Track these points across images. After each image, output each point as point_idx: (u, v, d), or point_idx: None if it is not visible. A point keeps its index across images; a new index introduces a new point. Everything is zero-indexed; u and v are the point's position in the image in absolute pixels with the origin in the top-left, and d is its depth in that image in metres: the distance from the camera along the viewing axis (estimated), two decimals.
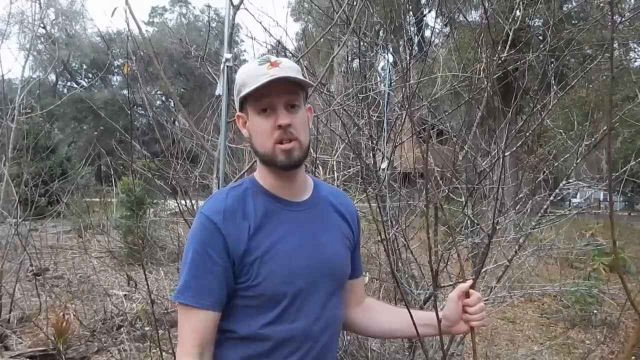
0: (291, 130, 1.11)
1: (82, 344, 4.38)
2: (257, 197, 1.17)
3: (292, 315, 1.13)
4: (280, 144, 1.12)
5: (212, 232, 1.10)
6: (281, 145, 1.11)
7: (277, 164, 1.13)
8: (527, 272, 3.64)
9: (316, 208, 1.24)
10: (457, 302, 1.25)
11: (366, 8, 2.98)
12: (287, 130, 1.11)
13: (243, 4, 2.24)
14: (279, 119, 1.10)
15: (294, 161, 1.13)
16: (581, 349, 4.79)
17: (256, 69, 1.12)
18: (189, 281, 1.11)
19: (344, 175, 3.41)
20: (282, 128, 1.10)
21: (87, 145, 20.44)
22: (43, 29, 27.17)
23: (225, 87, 2.12)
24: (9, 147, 4.92)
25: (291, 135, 1.12)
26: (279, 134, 1.11)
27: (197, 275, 1.10)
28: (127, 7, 2.15)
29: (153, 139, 3.80)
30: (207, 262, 1.09)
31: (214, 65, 3.34)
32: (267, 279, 1.10)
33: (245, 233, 1.11)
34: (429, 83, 3.57)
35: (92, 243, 8.13)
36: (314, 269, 1.17)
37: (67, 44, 29.28)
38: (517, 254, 2.54)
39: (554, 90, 2.68)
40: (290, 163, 1.13)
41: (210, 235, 1.10)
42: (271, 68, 1.11)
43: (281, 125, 1.10)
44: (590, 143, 2.61)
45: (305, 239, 1.18)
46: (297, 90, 1.15)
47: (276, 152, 1.12)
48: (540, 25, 6.78)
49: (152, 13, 35.08)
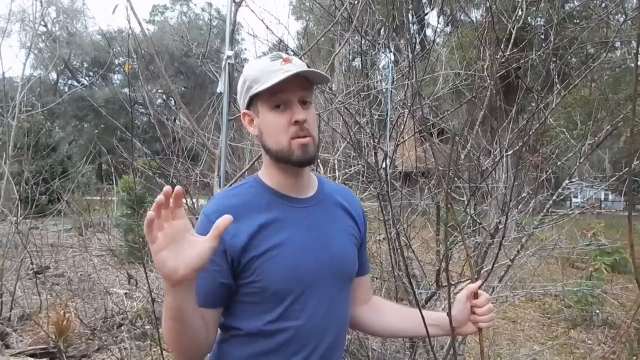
0: (306, 126, 1.11)
1: (83, 342, 4.39)
2: (262, 194, 1.17)
3: (296, 313, 1.12)
4: (295, 139, 1.11)
5: (208, 230, 1.10)
6: (297, 139, 1.11)
7: (292, 160, 1.12)
8: (529, 271, 3.64)
9: (322, 204, 1.23)
10: (466, 303, 1.25)
11: (368, 6, 2.97)
12: (302, 126, 1.10)
13: (245, 1, 2.23)
14: (296, 115, 1.10)
15: (309, 157, 1.12)
16: (582, 349, 4.78)
17: (269, 65, 1.11)
18: None
19: (345, 174, 3.41)
20: (298, 124, 1.10)
21: (87, 143, 20.45)
22: (44, 27, 27.25)
23: (226, 84, 2.11)
24: (9, 145, 4.92)
25: (307, 132, 1.11)
26: (295, 130, 1.10)
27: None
28: (129, 4, 2.14)
29: (154, 137, 3.79)
30: None
31: (215, 64, 3.33)
32: (270, 275, 1.09)
33: (247, 231, 1.10)
34: (430, 82, 3.57)
35: (93, 241, 8.12)
36: (321, 266, 1.16)
37: (68, 42, 29.25)
38: (520, 254, 2.53)
39: (557, 89, 2.67)
40: (306, 158, 1.12)
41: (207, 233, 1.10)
42: (285, 64, 1.10)
43: (298, 121, 1.09)
44: (593, 142, 2.60)
45: (311, 235, 1.17)
46: (309, 87, 1.15)
47: (293, 147, 1.11)
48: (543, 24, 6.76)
49: (153, 11, 35.06)
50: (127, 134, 3.41)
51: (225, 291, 1.11)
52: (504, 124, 2.81)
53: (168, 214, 0.88)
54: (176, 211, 0.90)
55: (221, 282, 1.09)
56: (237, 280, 1.11)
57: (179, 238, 0.89)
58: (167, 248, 0.88)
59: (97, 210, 10.17)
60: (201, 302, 1.05)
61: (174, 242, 0.89)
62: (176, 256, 0.89)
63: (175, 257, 0.89)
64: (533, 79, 3.05)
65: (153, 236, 0.87)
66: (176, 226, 0.89)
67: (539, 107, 2.61)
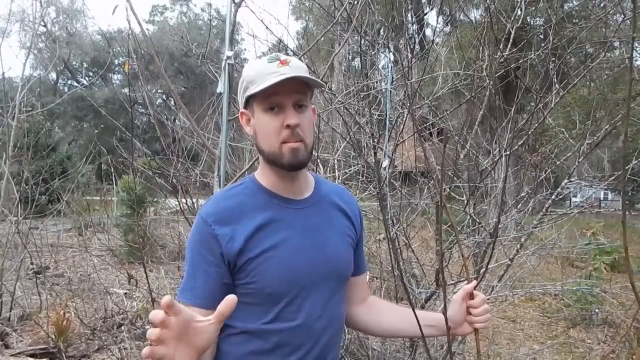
0: (298, 130, 1.10)
1: (83, 343, 4.39)
2: (258, 195, 1.17)
3: (293, 314, 1.13)
4: (286, 143, 1.11)
5: (205, 234, 1.11)
6: (288, 143, 1.11)
7: (282, 164, 1.12)
8: (528, 271, 3.64)
9: (318, 205, 1.23)
10: (462, 304, 1.25)
11: (367, 6, 2.98)
12: (294, 130, 1.10)
13: (245, 1, 2.23)
14: (288, 119, 1.09)
15: (299, 161, 1.12)
16: (582, 348, 4.79)
17: (266, 67, 1.11)
18: (187, 281, 1.13)
19: (344, 174, 3.41)
20: (290, 128, 1.09)
21: (87, 143, 20.46)
22: (44, 27, 27.21)
23: (226, 84, 2.11)
24: (9, 145, 4.92)
25: (298, 136, 1.11)
26: (287, 134, 1.10)
27: (194, 275, 1.12)
28: (129, 5, 2.14)
29: (154, 137, 3.79)
30: (202, 263, 1.11)
31: (215, 64, 3.34)
32: (266, 277, 1.10)
33: (243, 233, 1.11)
34: (430, 82, 3.57)
35: (93, 241, 8.11)
36: (316, 267, 1.16)
37: (67, 42, 29.23)
38: (519, 253, 2.54)
39: (556, 89, 2.67)
40: (296, 163, 1.12)
41: (205, 236, 1.11)
42: (281, 66, 1.10)
43: (289, 125, 1.09)
44: (592, 142, 2.60)
45: (307, 236, 1.17)
46: (306, 90, 1.14)
47: (283, 151, 1.11)
48: (542, 24, 6.77)
49: (153, 11, 35.02)
50: (127, 134, 3.42)
51: (227, 291, 1.12)
52: (503, 123, 2.81)
53: (168, 320, 0.82)
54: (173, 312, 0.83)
55: (225, 283, 1.11)
56: (234, 281, 1.12)
57: (183, 332, 0.84)
58: (177, 349, 0.83)
59: (97, 210, 10.17)
60: (208, 304, 1.06)
61: (181, 340, 0.83)
62: (188, 349, 0.85)
63: (188, 350, 0.85)
64: (532, 78, 3.06)
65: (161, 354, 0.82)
66: (178, 324, 0.82)
67: (538, 106, 2.61)
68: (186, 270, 1.14)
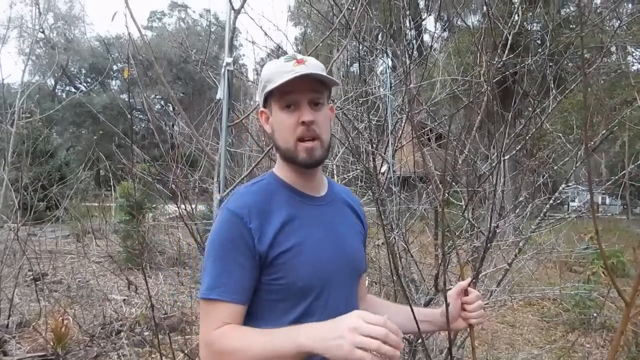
0: (314, 127, 1.13)
1: (81, 349, 4.37)
2: (280, 191, 1.19)
3: (320, 308, 1.13)
4: (302, 141, 1.13)
5: (238, 227, 1.09)
6: (303, 143, 1.13)
7: (298, 161, 1.15)
8: (527, 275, 3.64)
9: (334, 203, 1.27)
10: (456, 300, 1.29)
11: (365, 12, 2.99)
12: (310, 127, 1.12)
13: (244, 8, 2.25)
14: (303, 116, 1.12)
15: (315, 159, 1.15)
16: (581, 352, 4.78)
17: (282, 66, 1.14)
18: (219, 277, 1.09)
19: (343, 179, 3.42)
20: (305, 125, 1.12)
21: (86, 149, 20.43)
22: (42, 34, 27.27)
23: (225, 90, 2.12)
24: (8, 151, 4.92)
25: (314, 133, 1.13)
26: (302, 131, 1.13)
27: (227, 270, 1.09)
28: (128, 10, 2.15)
29: (152, 143, 3.80)
30: (238, 257, 1.08)
31: (214, 70, 3.35)
32: (296, 272, 1.10)
33: (272, 227, 1.11)
34: (428, 87, 3.59)
35: (91, 247, 8.11)
36: (338, 262, 1.18)
37: (66, 49, 29.31)
38: (517, 258, 2.54)
39: (553, 94, 2.69)
40: (312, 161, 1.15)
41: (237, 230, 1.09)
42: (297, 65, 1.13)
43: (304, 122, 1.12)
44: (590, 147, 2.61)
45: (328, 232, 1.20)
46: (322, 89, 1.17)
47: (298, 149, 1.14)
48: (539, 30, 6.80)
49: (151, 17, 35.18)
50: (126, 139, 3.41)
51: (253, 288, 1.12)
52: (501, 128, 2.82)
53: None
54: None
55: (254, 278, 1.11)
56: (261, 277, 1.11)
57: None
58: None
59: (95, 216, 10.16)
60: (244, 300, 1.08)
61: None
62: None
63: None
64: (529, 84, 3.08)
65: None
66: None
67: (535, 111, 2.63)
68: (213, 267, 1.10)
